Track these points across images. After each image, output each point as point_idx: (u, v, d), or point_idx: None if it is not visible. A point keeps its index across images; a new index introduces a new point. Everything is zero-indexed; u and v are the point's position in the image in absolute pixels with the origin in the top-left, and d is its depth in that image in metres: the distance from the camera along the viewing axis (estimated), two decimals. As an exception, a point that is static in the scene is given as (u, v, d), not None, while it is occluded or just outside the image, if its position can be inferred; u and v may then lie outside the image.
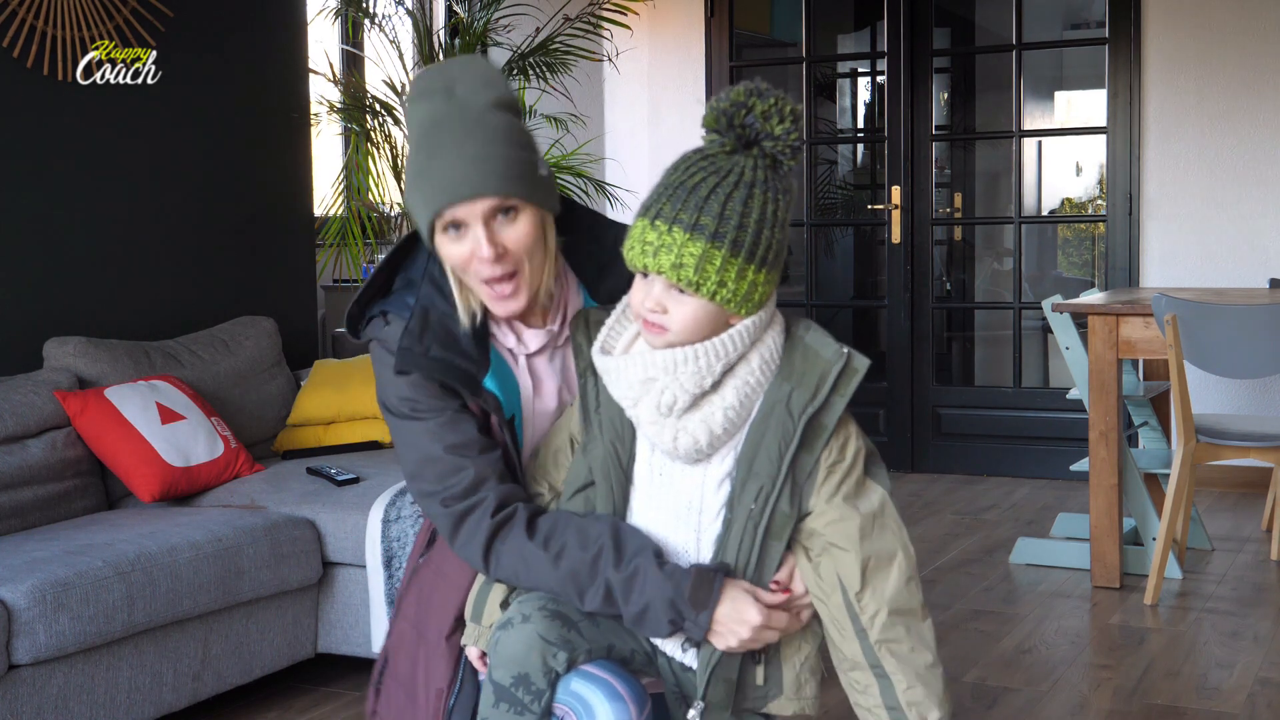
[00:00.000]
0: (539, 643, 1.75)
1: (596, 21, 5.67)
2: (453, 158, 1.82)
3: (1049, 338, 6.78)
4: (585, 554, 1.77)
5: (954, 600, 4.24)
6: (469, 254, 1.84)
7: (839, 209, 7.75)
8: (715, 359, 1.72)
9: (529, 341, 1.97)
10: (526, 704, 1.74)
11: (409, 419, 1.90)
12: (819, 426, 1.75)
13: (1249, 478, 5.73)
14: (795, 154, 1.72)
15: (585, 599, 1.78)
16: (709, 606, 1.74)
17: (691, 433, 1.73)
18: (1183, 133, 5.90)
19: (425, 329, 1.88)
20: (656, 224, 1.70)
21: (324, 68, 5.53)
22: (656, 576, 1.74)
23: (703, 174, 1.70)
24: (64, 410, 3.57)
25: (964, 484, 6.12)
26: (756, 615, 1.74)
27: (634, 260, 1.74)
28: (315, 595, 3.52)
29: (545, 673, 1.75)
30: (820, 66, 7.13)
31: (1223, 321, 4.07)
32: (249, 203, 4.57)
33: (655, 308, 1.72)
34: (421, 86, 1.90)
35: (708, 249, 1.67)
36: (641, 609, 1.75)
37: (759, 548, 1.77)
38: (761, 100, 1.70)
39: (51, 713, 2.88)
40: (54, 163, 3.94)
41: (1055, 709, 3.31)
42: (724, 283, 1.69)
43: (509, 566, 1.83)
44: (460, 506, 1.85)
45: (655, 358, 1.73)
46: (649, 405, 1.73)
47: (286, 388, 4.27)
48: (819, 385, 1.75)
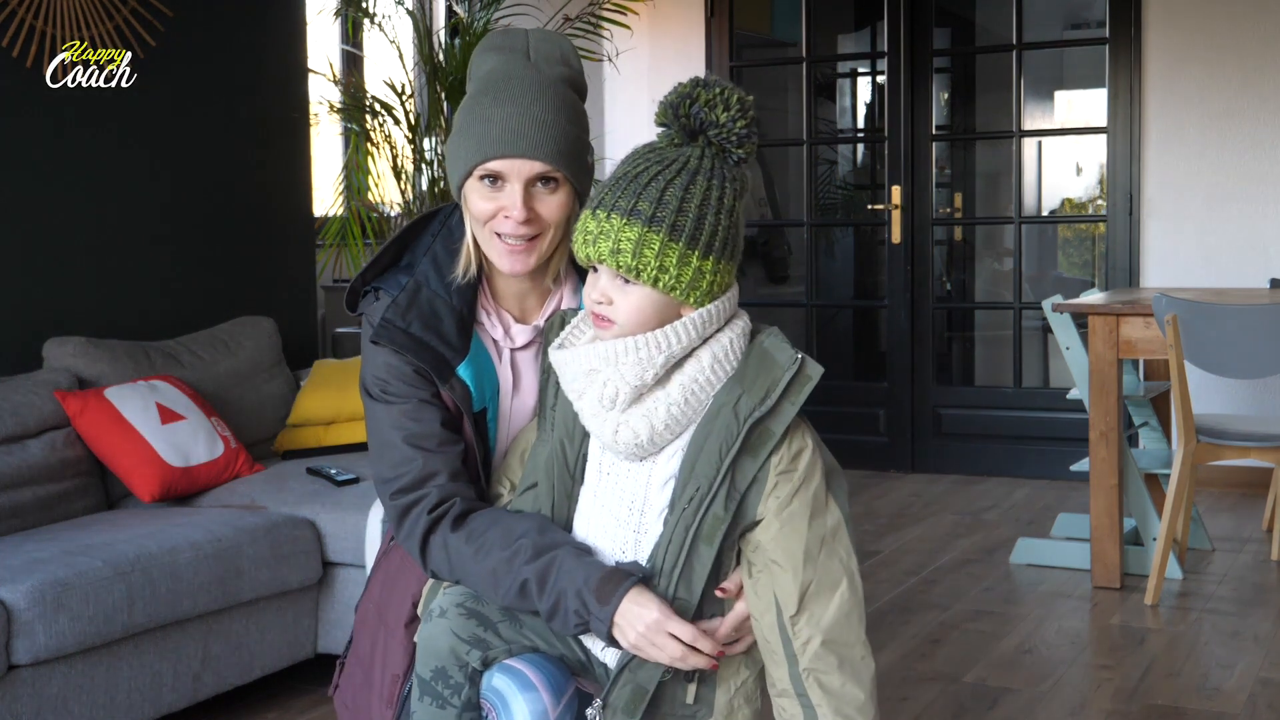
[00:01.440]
0: (451, 639, 1.75)
1: (596, 21, 5.67)
2: (517, 112, 1.84)
3: (1049, 338, 6.77)
4: (505, 551, 1.76)
5: (954, 600, 4.24)
6: (496, 210, 1.86)
7: (839, 209, 7.75)
8: (657, 350, 1.69)
9: (516, 336, 1.97)
10: (446, 697, 1.76)
11: (379, 401, 1.91)
12: (765, 433, 1.69)
13: (1249, 478, 5.73)
14: (743, 142, 1.71)
15: (500, 594, 1.77)
16: (611, 603, 1.68)
17: (632, 427, 1.69)
18: (1183, 133, 5.89)
19: (412, 306, 1.90)
20: (597, 213, 1.70)
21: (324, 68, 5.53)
22: (572, 566, 1.72)
23: (646, 164, 1.71)
24: (64, 410, 3.57)
25: (964, 484, 6.12)
26: (656, 613, 1.67)
27: (577, 251, 1.73)
28: (315, 595, 3.52)
29: (460, 667, 1.75)
30: (820, 66, 7.13)
31: (1223, 321, 4.07)
32: (249, 203, 4.57)
33: (601, 299, 1.71)
34: (497, 41, 1.92)
35: (644, 233, 1.66)
36: (554, 602, 1.72)
37: (687, 549, 1.70)
38: (706, 90, 1.70)
39: (51, 713, 2.88)
40: (54, 163, 3.94)
41: (1055, 709, 3.31)
42: (664, 268, 1.67)
43: (438, 561, 1.84)
44: (405, 500, 1.86)
45: (598, 349, 1.71)
46: (592, 398, 1.71)
47: (286, 388, 4.26)
48: (769, 390, 1.69)
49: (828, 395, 1.94)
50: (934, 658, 3.70)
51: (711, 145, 1.71)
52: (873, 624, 4.01)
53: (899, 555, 4.82)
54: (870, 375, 7.16)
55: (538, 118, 1.84)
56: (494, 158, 1.84)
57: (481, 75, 1.90)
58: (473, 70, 1.93)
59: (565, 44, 1.95)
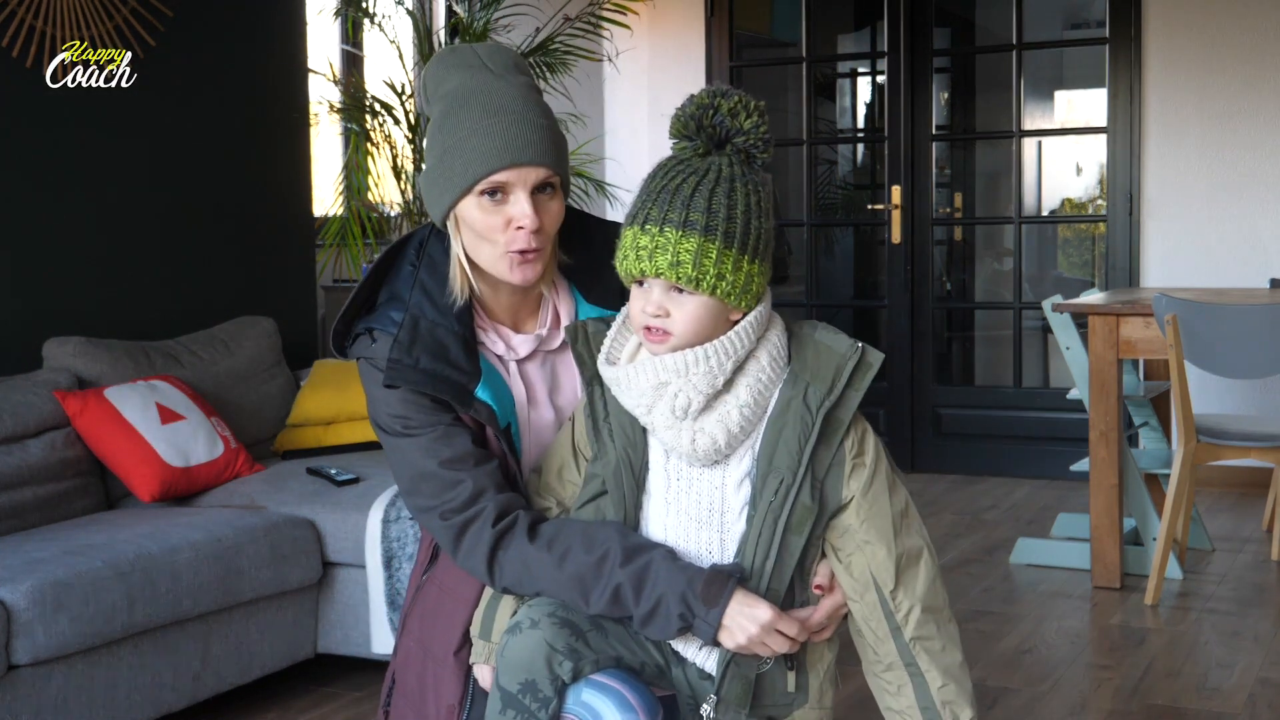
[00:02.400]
0: (545, 649, 1.72)
1: (596, 21, 5.67)
2: (514, 120, 1.81)
3: (1049, 338, 6.77)
4: (590, 556, 1.74)
5: (954, 600, 4.20)
6: (505, 222, 1.82)
7: (839, 209, 7.74)
8: (726, 356, 1.72)
9: (518, 347, 1.94)
10: (533, 711, 1.72)
11: (402, 436, 1.87)
12: (835, 421, 1.75)
13: (1249, 478, 5.73)
14: (767, 147, 1.74)
15: (591, 601, 1.74)
16: (720, 604, 1.70)
17: (710, 433, 1.72)
18: (1183, 133, 5.90)
19: (415, 340, 1.85)
20: (647, 228, 1.70)
21: (324, 68, 5.53)
22: (670, 570, 1.71)
23: (682, 175, 1.72)
24: (64, 410, 3.57)
25: (964, 484, 6.12)
26: (768, 612, 1.71)
27: (629, 268, 1.73)
28: (315, 595, 3.52)
29: (552, 680, 1.72)
30: (820, 66, 7.13)
31: (1223, 321, 4.07)
32: (249, 203, 4.57)
33: (658, 312, 1.71)
34: (452, 60, 1.89)
35: (703, 243, 1.68)
36: (653, 605, 1.71)
37: (779, 542, 1.74)
38: (726, 99, 1.73)
39: (51, 713, 2.88)
40: (54, 163, 3.94)
41: (1055, 709, 3.31)
42: (722, 275, 1.69)
43: (513, 574, 1.80)
44: (460, 519, 1.82)
45: (666, 361, 1.72)
46: (664, 410, 1.72)
47: (286, 388, 4.26)
48: (835, 379, 1.74)
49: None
50: (934, 658, 3.69)
51: (739, 153, 1.74)
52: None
53: (899, 555, 4.81)
54: (870, 375, 7.14)
55: (534, 123, 1.82)
56: (500, 169, 1.80)
57: (447, 93, 1.85)
58: (433, 93, 1.88)
59: (513, 52, 1.94)
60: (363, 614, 3.47)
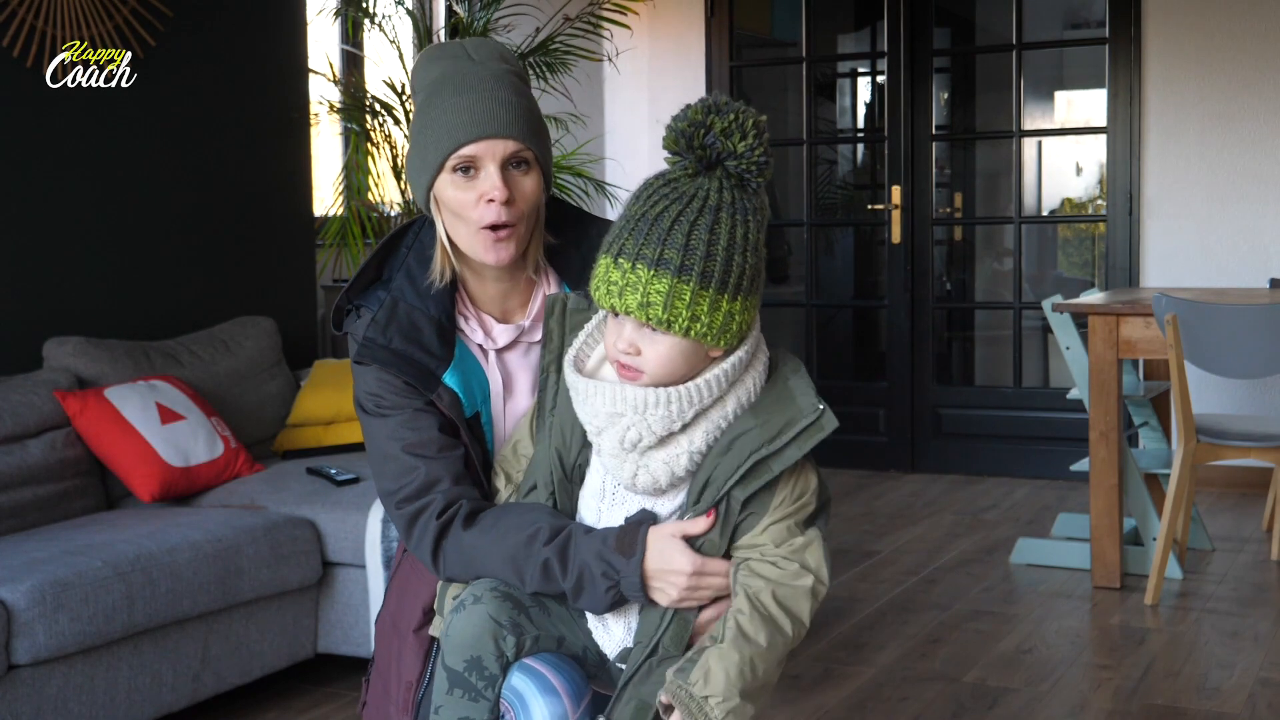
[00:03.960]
0: (490, 624, 1.72)
1: (596, 21, 5.67)
2: (483, 97, 1.83)
3: (1049, 338, 6.77)
4: (521, 535, 1.76)
5: (954, 600, 4.24)
6: (477, 196, 1.84)
7: (839, 209, 7.74)
8: (689, 405, 1.65)
9: (497, 337, 1.96)
10: (480, 689, 1.72)
11: (374, 416, 1.90)
12: (764, 469, 1.67)
13: (1249, 478, 5.73)
14: (763, 170, 1.63)
15: (525, 579, 1.75)
16: (637, 552, 1.69)
17: (652, 472, 1.67)
18: (1183, 133, 5.89)
19: (391, 321, 1.89)
20: (620, 262, 1.62)
21: (324, 68, 5.53)
22: (584, 538, 1.73)
23: (665, 202, 1.62)
24: (64, 410, 3.57)
25: (964, 484, 6.12)
26: (686, 563, 1.69)
27: (600, 300, 1.66)
28: (315, 595, 3.52)
29: (497, 656, 1.72)
30: (820, 66, 7.12)
31: (1223, 321, 4.07)
32: (249, 203, 4.57)
33: (628, 349, 1.65)
34: (437, 52, 1.92)
35: (675, 284, 1.59)
36: (578, 575, 1.72)
37: None
38: (720, 117, 1.61)
39: (51, 713, 2.88)
40: (54, 163, 3.94)
41: (1055, 709, 3.31)
42: (696, 317, 1.61)
43: (454, 563, 1.83)
44: (411, 508, 1.85)
45: (626, 393, 1.65)
46: (612, 438, 1.66)
47: (286, 388, 4.26)
48: (782, 430, 1.66)
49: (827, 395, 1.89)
50: (934, 658, 3.70)
51: (731, 177, 1.63)
52: (873, 624, 4.01)
53: (899, 555, 4.82)
54: (870, 375, 7.15)
55: (502, 99, 1.84)
56: (467, 142, 1.82)
57: (429, 83, 1.88)
58: (417, 84, 1.92)
59: (500, 44, 1.96)
60: (363, 614, 3.47)
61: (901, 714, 3.30)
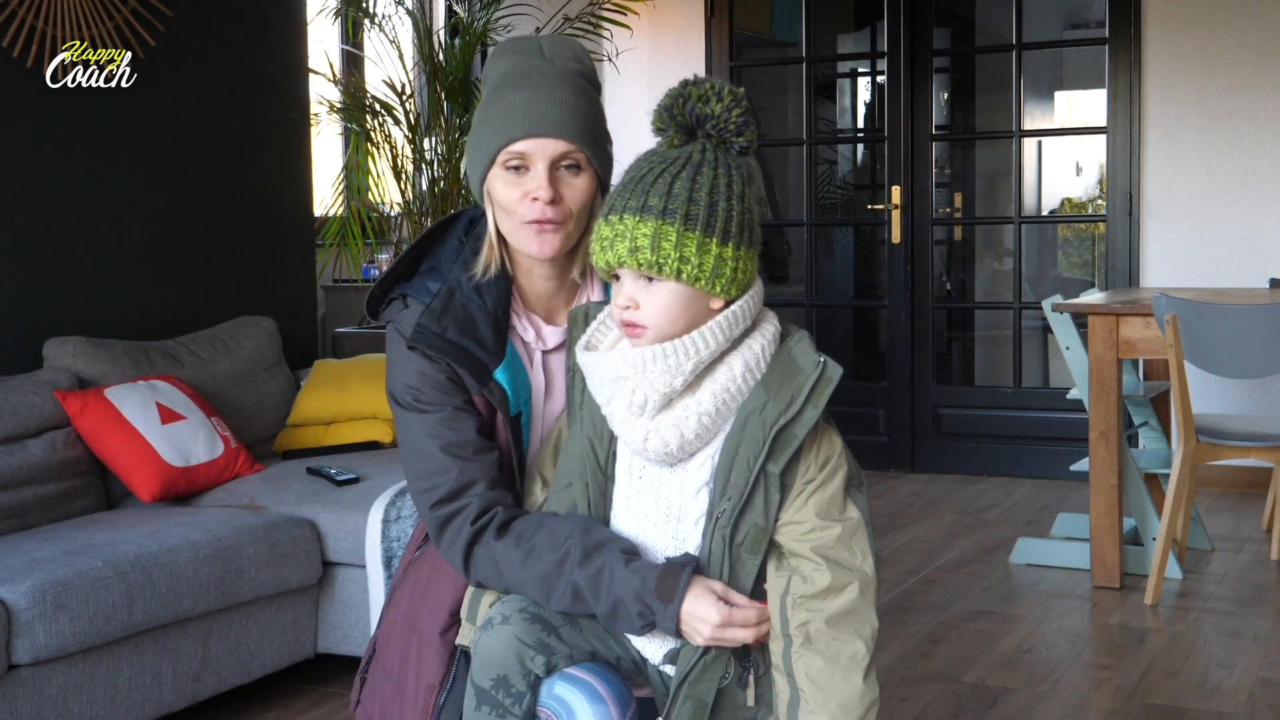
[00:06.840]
0: (516, 645, 1.72)
1: (596, 21, 5.67)
2: (539, 96, 1.85)
3: (1049, 338, 6.78)
4: (554, 555, 1.75)
5: (954, 600, 4.24)
6: (523, 194, 1.85)
7: (839, 209, 7.75)
8: (685, 357, 1.68)
9: (547, 338, 1.96)
10: (507, 706, 1.73)
11: (412, 410, 1.89)
12: (789, 436, 1.69)
13: (1249, 478, 5.73)
14: (742, 131, 1.71)
15: (553, 599, 1.76)
16: (675, 600, 1.69)
17: (662, 435, 1.69)
18: (1183, 133, 5.90)
19: (447, 310, 1.88)
20: (609, 218, 1.70)
21: (324, 68, 5.53)
22: (622, 573, 1.71)
23: (649, 165, 1.72)
24: (64, 410, 3.57)
25: (964, 484, 6.12)
26: (716, 616, 1.69)
27: (596, 260, 1.72)
28: (315, 595, 3.52)
29: (524, 675, 1.73)
30: (820, 66, 7.13)
31: (1223, 321, 4.07)
32: (249, 203, 4.57)
33: (627, 304, 1.69)
34: (512, 45, 1.94)
35: (659, 226, 1.66)
36: (611, 606, 1.72)
37: (730, 560, 1.72)
38: (696, 87, 1.72)
39: (51, 713, 2.88)
40: (54, 163, 3.94)
41: (1055, 709, 3.31)
42: (685, 259, 1.66)
43: (485, 570, 1.82)
44: (445, 511, 1.84)
45: (626, 355, 1.69)
46: (620, 404, 1.70)
47: (286, 388, 4.27)
48: (794, 396, 1.69)
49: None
50: (934, 657, 3.70)
51: (711, 138, 1.72)
52: (872, 624, 4.01)
53: (899, 555, 4.82)
54: (870, 375, 7.15)
55: (559, 99, 1.85)
56: (518, 139, 1.83)
57: (496, 73, 1.91)
58: (488, 74, 1.94)
59: (577, 45, 1.97)
60: (363, 614, 3.47)
61: (901, 714, 3.30)
